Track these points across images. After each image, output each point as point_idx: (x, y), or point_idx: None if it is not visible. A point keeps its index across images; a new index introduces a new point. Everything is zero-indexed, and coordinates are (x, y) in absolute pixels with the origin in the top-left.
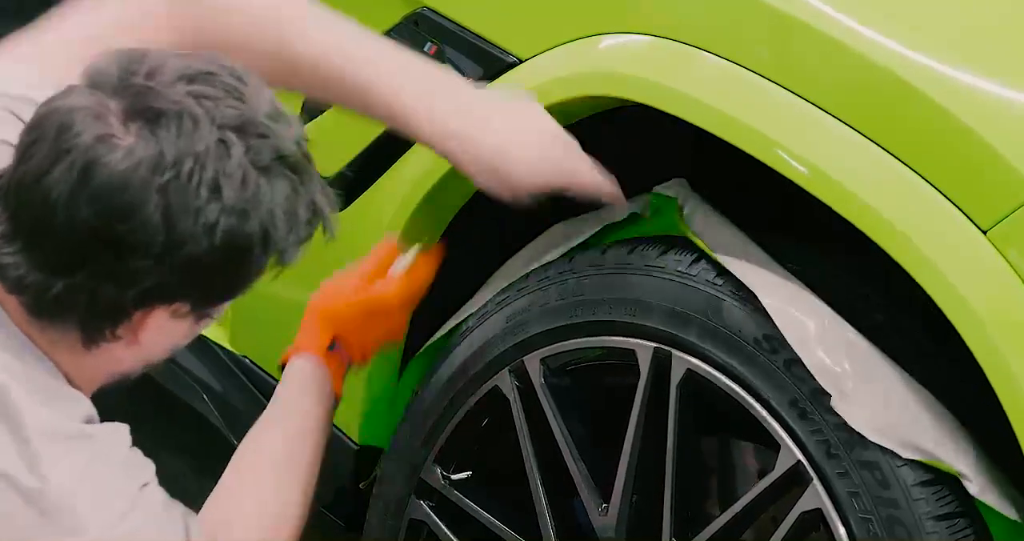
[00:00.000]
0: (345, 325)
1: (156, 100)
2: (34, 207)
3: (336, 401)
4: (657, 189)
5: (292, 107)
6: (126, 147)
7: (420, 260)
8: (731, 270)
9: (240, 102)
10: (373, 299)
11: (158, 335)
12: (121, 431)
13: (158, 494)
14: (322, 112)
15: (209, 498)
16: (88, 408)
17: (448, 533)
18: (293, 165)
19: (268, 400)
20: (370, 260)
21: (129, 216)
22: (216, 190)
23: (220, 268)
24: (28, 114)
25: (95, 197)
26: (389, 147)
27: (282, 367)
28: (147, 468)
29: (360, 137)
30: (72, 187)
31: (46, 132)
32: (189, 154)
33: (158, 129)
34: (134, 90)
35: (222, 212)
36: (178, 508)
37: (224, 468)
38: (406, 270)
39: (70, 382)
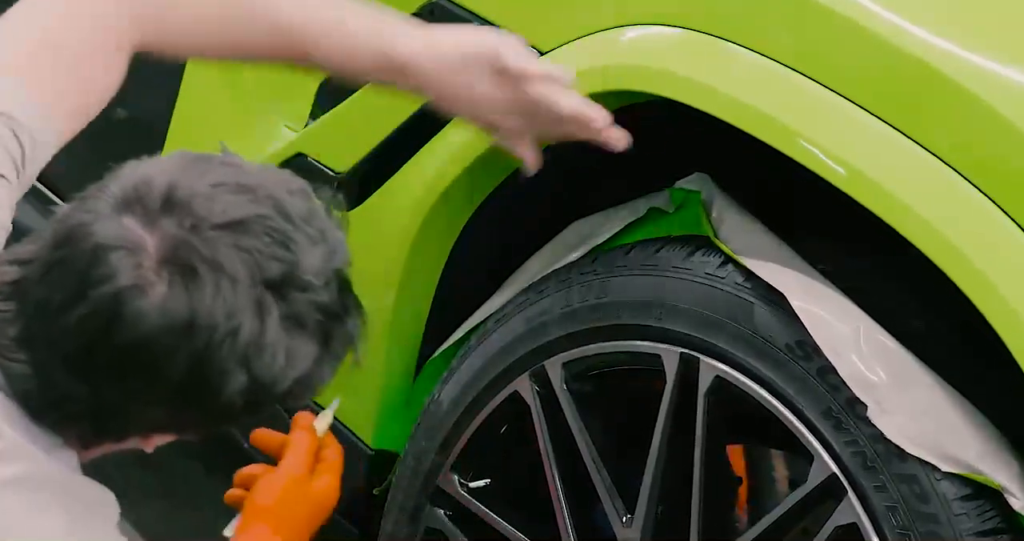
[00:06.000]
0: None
1: (194, 253)
2: (50, 336)
3: None
4: (679, 183)
5: (303, 105)
6: (157, 299)
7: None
8: (758, 273)
9: (285, 251)
10: (317, 497)
11: (157, 443)
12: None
13: None
14: (335, 105)
15: None
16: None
17: None
18: (332, 314)
19: None
20: (305, 450)
21: (149, 374)
22: (246, 362)
23: (234, 416)
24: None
25: (117, 349)
26: (406, 141)
27: None
28: None
29: (376, 131)
30: (94, 334)
31: (75, 258)
32: (221, 319)
33: (192, 286)
34: (173, 236)
35: (249, 380)
36: None
37: (233, 469)
38: (333, 462)
39: None
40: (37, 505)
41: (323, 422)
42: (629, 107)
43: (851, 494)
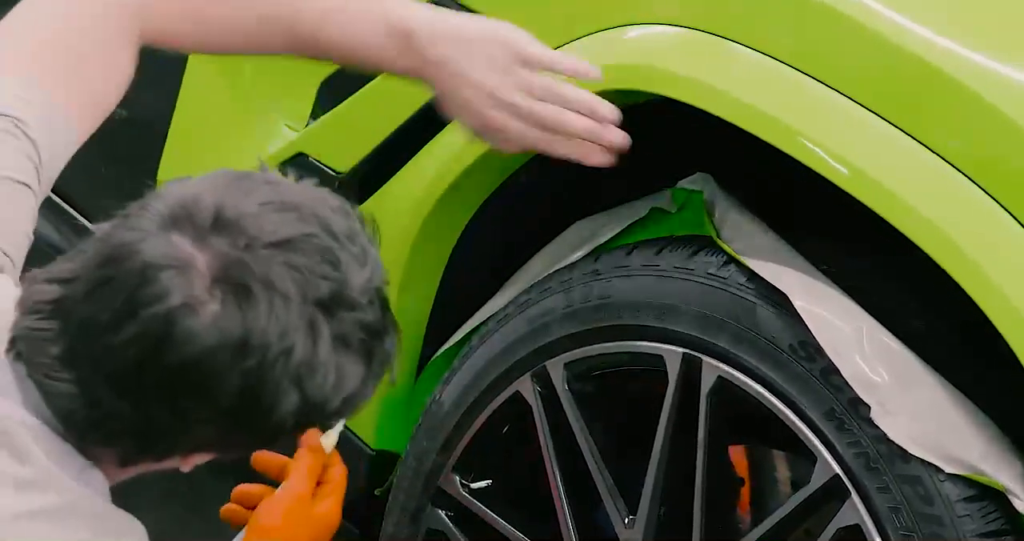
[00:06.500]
0: None
1: (247, 271)
2: (98, 356)
3: None
4: (681, 183)
5: (304, 104)
6: (209, 318)
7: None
8: (761, 273)
9: (334, 270)
10: (320, 519)
11: (196, 462)
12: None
13: None
14: (336, 104)
15: None
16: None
17: None
18: (374, 332)
19: None
20: (309, 471)
21: (201, 395)
22: (298, 382)
23: (280, 437)
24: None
25: (168, 370)
26: (407, 141)
27: None
28: None
29: (376, 131)
30: (144, 353)
31: (122, 277)
32: (275, 338)
33: (246, 305)
34: (226, 255)
35: (301, 400)
36: None
37: (237, 471)
38: (336, 483)
39: None
40: (67, 535)
41: (329, 440)
42: (632, 107)
43: (854, 495)
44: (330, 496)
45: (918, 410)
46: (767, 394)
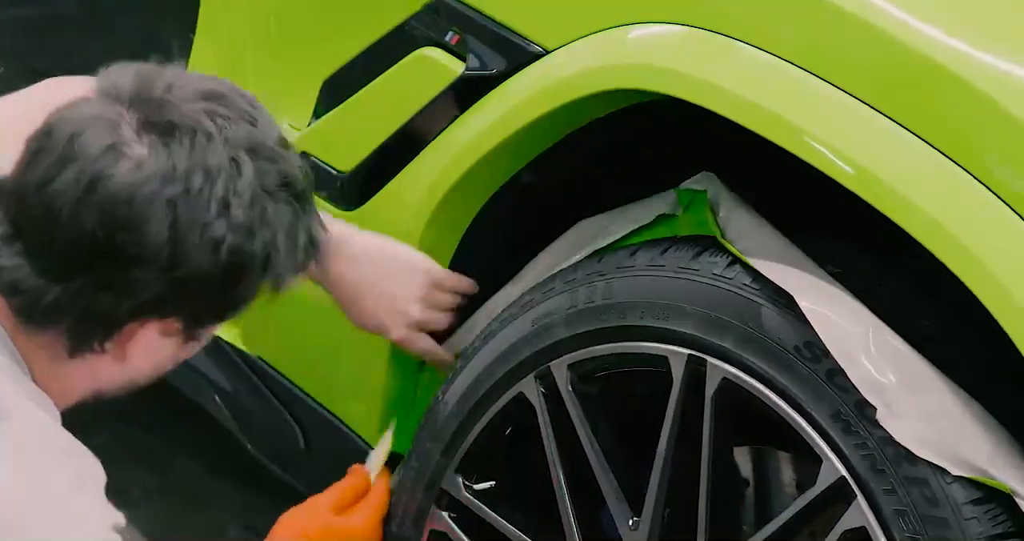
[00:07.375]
0: None
1: (171, 113)
2: (37, 214)
3: None
4: (685, 184)
5: (306, 104)
6: (136, 158)
7: (383, 481)
8: (766, 274)
9: (251, 126)
10: (342, 532)
11: (145, 352)
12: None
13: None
14: (339, 104)
15: None
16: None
17: None
18: (297, 193)
19: (281, 401)
20: (340, 486)
21: (135, 228)
22: (225, 206)
23: (219, 286)
24: None
25: (101, 208)
26: (410, 140)
27: None
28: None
29: (379, 130)
30: (78, 196)
31: (56, 139)
32: (200, 169)
33: (171, 142)
34: (151, 102)
35: (229, 229)
36: None
37: (235, 469)
38: (371, 497)
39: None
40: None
41: (375, 460)
42: (635, 106)
43: (860, 497)
44: (362, 510)
45: (925, 412)
46: (772, 396)
